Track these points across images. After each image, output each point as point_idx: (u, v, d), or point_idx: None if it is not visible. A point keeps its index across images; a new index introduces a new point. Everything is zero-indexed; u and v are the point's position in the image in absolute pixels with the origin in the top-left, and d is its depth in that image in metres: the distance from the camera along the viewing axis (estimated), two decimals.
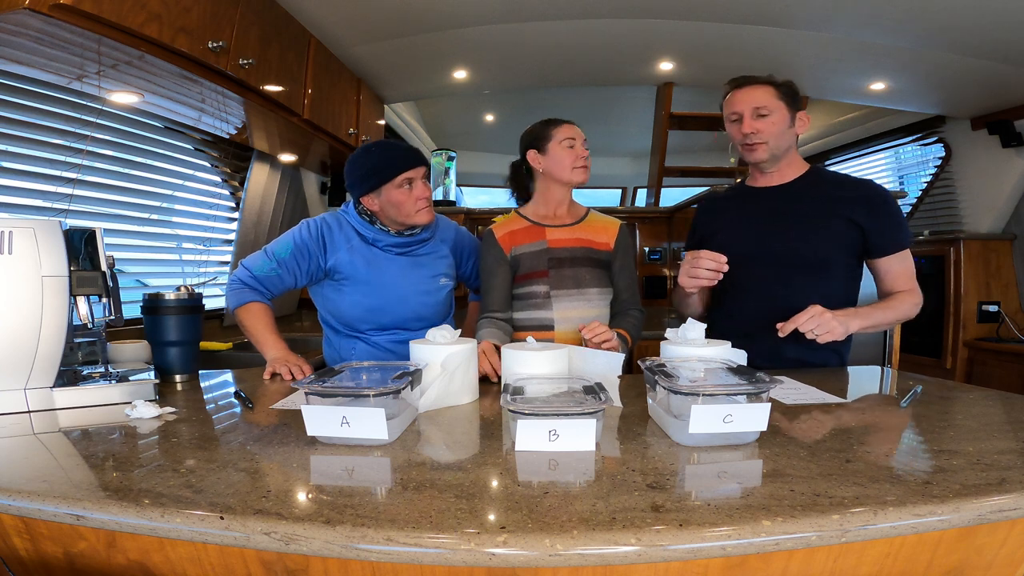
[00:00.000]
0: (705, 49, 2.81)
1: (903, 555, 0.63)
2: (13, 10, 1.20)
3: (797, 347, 1.37)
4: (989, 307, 3.15)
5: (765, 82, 1.45)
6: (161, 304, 1.33)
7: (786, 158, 1.48)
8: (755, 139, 1.43)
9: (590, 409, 0.79)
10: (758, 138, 1.43)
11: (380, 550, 0.55)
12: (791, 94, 1.45)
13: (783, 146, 1.45)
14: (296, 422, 0.94)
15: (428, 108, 4.65)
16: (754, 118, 1.42)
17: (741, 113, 1.44)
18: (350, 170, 1.48)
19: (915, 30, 2.35)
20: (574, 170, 1.56)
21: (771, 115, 1.42)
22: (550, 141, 1.57)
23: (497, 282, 1.58)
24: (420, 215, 1.48)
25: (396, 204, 1.45)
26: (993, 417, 0.94)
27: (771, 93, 1.43)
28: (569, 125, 1.58)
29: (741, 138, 1.46)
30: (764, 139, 1.43)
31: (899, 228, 1.42)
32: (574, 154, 1.55)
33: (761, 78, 1.47)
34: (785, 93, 1.44)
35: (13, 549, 0.71)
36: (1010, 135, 2.93)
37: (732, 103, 1.47)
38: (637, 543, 0.54)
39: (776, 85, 1.44)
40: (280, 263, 1.48)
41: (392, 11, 2.33)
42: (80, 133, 1.81)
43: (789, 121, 1.43)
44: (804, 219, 1.44)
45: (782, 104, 1.42)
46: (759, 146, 1.44)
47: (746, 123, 1.43)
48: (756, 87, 1.45)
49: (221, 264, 2.65)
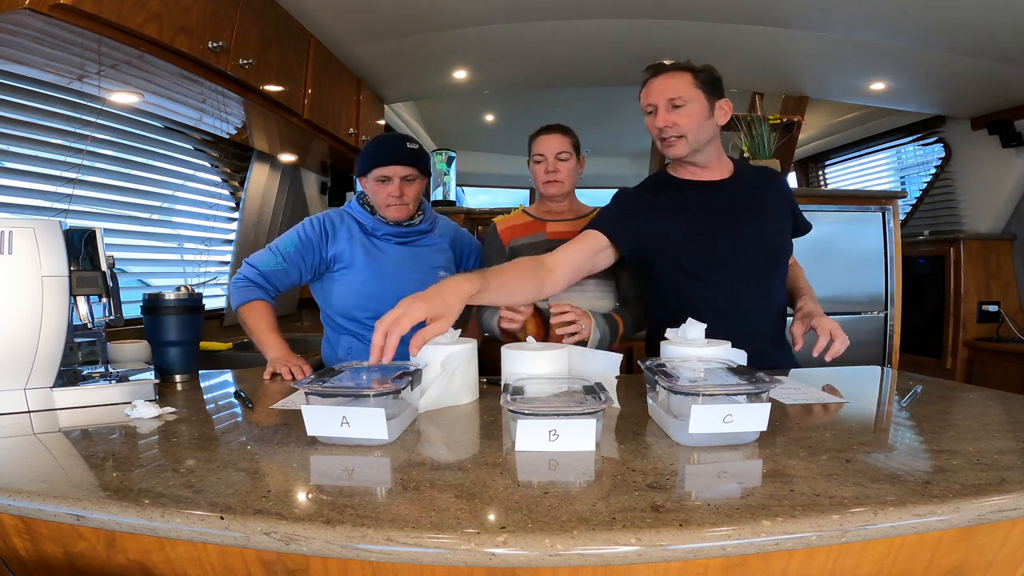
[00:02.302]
0: (705, 49, 2.80)
1: (903, 555, 0.63)
2: (13, 10, 1.20)
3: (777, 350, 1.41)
4: (989, 307, 3.15)
5: (682, 68, 1.35)
6: (161, 304, 1.33)
7: (709, 150, 1.39)
8: (670, 132, 1.33)
9: (590, 409, 0.79)
10: (674, 132, 1.33)
11: (380, 550, 0.55)
12: (710, 81, 1.34)
13: (703, 139, 1.35)
14: (296, 422, 0.94)
15: (428, 108, 4.65)
16: (669, 110, 1.32)
17: (656, 105, 1.34)
18: (361, 150, 1.58)
19: (915, 30, 2.35)
20: (543, 184, 1.62)
21: (686, 106, 1.31)
22: (530, 154, 1.65)
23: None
24: (389, 211, 1.54)
25: (372, 194, 1.55)
26: (993, 417, 0.94)
27: (687, 81, 1.32)
28: (544, 137, 1.61)
29: (657, 132, 1.36)
30: (681, 132, 1.33)
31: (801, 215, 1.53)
32: (542, 170, 1.61)
33: (678, 64, 1.36)
34: (704, 80, 1.33)
35: (13, 549, 0.71)
36: (1010, 135, 2.93)
37: (647, 94, 1.37)
38: (637, 543, 0.54)
39: (694, 71, 1.34)
40: (286, 258, 1.51)
41: (392, 11, 2.33)
42: (80, 133, 1.81)
43: (708, 112, 1.33)
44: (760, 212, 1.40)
45: (699, 93, 1.32)
46: (677, 140, 1.34)
47: (660, 115, 1.33)
48: (671, 75, 1.34)
49: (221, 264, 2.65)
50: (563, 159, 1.60)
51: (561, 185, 1.61)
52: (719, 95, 1.35)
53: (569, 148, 1.61)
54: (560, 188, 1.61)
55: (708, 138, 1.37)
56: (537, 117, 1.67)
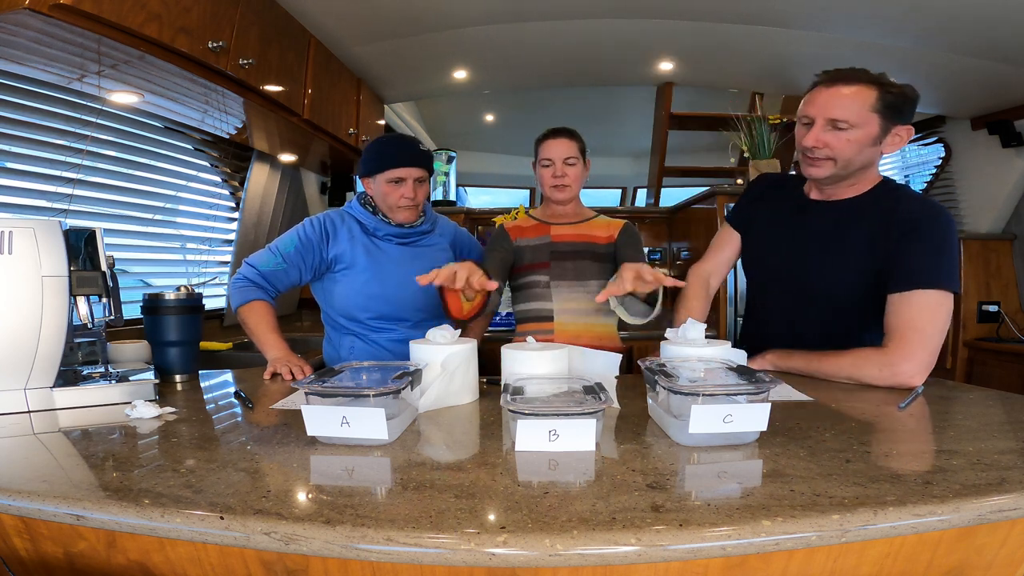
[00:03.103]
0: (705, 49, 2.81)
1: (903, 555, 0.63)
2: (13, 10, 1.20)
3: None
4: (989, 307, 3.14)
5: (865, 82, 1.10)
6: (161, 304, 1.33)
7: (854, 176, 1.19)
8: (819, 154, 1.15)
9: (590, 409, 0.79)
10: (822, 153, 1.14)
11: (380, 550, 0.55)
12: (895, 104, 1.10)
13: (855, 165, 1.15)
14: (296, 422, 0.94)
15: (428, 108, 4.65)
16: (826, 130, 1.13)
17: (813, 118, 1.14)
18: (364, 151, 1.57)
19: (914, 30, 2.35)
20: (550, 189, 1.63)
21: (850, 130, 1.11)
22: (536, 157, 1.65)
23: (495, 255, 1.64)
24: (399, 212, 1.54)
25: (382, 195, 1.54)
26: (993, 417, 0.94)
27: (866, 102, 1.10)
28: (552, 142, 1.61)
29: (803, 148, 1.17)
30: (831, 155, 1.14)
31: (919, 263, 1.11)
32: (550, 174, 1.62)
33: (863, 75, 1.11)
34: (887, 103, 1.10)
35: (13, 549, 0.71)
36: (1010, 135, 2.93)
37: (809, 102, 1.16)
38: (637, 543, 0.54)
39: (881, 88, 1.10)
40: (285, 258, 1.51)
41: (392, 11, 2.33)
42: (80, 133, 1.81)
43: (876, 137, 1.12)
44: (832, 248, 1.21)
45: (874, 117, 1.10)
46: (822, 163, 1.15)
47: (813, 132, 1.14)
48: (847, 87, 1.11)
49: (221, 264, 2.65)
50: (571, 164, 1.60)
51: (569, 190, 1.62)
52: (901, 120, 1.12)
53: (577, 153, 1.61)
54: (568, 193, 1.63)
55: (861, 164, 1.17)
56: (537, 117, 1.69)
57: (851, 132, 1.11)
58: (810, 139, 1.15)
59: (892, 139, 1.14)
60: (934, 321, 1.09)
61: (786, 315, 1.33)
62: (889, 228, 1.15)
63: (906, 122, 1.13)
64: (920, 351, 1.09)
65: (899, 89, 1.12)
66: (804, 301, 1.29)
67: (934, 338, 1.09)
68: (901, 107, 1.12)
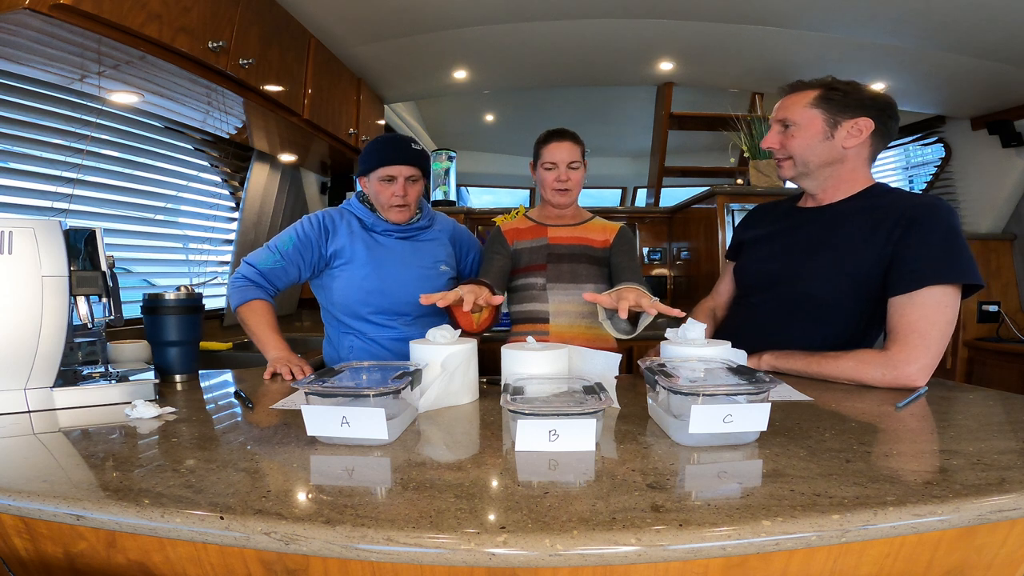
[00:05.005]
0: (705, 49, 2.81)
1: (903, 555, 0.63)
2: (13, 10, 1.20)
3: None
4: (989, 307, 3.14)
5: (806, 87, 1.26)
6: (161, 304, 1.33)
7: (823, 174, 1.27)
8: (779, 155, 1.29)
9: (590, 409, 0.79)
10: (782, 154, 1.28)
11: (380, 550, 0.55)
12: (836, 99, 1.21)
13: (814, 161, 1.25)
14: (296, 422, 0.94)
15: (428, 108, 4.65)
16: (779, 131, 1.28)
17: (771, 123, 1.29)
18: (362, 151, 1.59)
19: (915, 30, 2.35)
20: (552, 192, 1.63)
21: (795, 126, 1.24)
22: (538, 159, 1.64)
23: (494, 263, 1.64)
24: (391, 212, 1.55)
25: (375, 194, 1.55)
26: (993, 417, 0.94)
27: (805, 99, 1.24)
28: (557, 145, 1.60)
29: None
30: (788, 154, 1.27)
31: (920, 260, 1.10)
32: (553, 177, 1.61)
33: (806, 83, 1.27)
34: (826, 99, 1.22)
35: (13, 549, 0.71)
36: (1010, 135, 2.93)
37: (774, 110, 1.32)
38: (637, 543, 0.54)
39: (822, 89, 1.23)
40: (284, 256, 1.51)
41: (392, 11, 2.33)
42: (80, 133, 1.81)
43: (824, 132, 1.22)
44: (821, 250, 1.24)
45: (814, 112, 1.22)
46: (784, 162, 1.28)
47: (768, 136, 1.29)
48: (792, 95, 1.27)
49: (221, 264, 2.65)
50: (574, 168, 1.60)
51: (571, 194, 1.62)
52: (849, 115, 1.21)
53: (580, 157, 1.61)
54: (570, 197, 1.63)
55: (822, 161, 1.25)
56: (537, 117, 1.69)
57: (795, 129, 1.25)
58: (765, 141, 1.31)
59: (850, 132, 1.21)
60: (938, 321, 1.09)
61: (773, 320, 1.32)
62: (884, 228, 1.16)
63: (855, 116, 1.20)
64: (923, 353, 1.09)
65: (844, 86, 1.23)
66: (791, 305, 1.29)
67: (938, 339, 1.09)
68: (844, 101, 1.21)
